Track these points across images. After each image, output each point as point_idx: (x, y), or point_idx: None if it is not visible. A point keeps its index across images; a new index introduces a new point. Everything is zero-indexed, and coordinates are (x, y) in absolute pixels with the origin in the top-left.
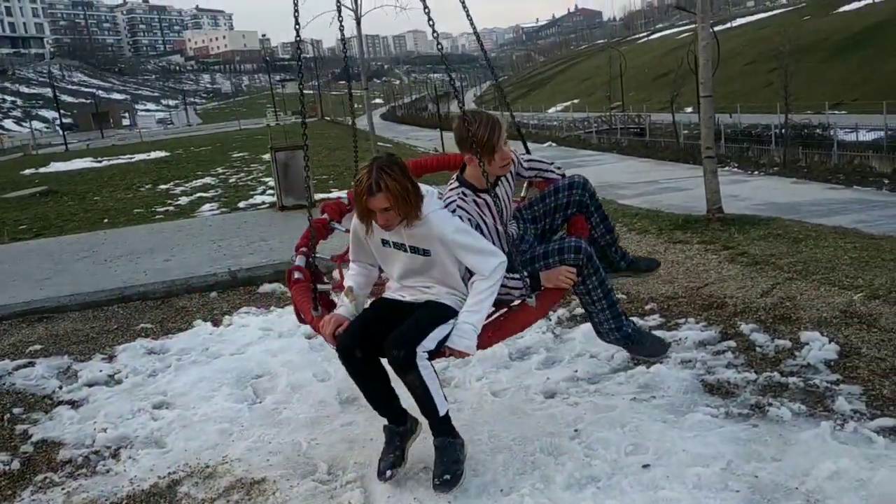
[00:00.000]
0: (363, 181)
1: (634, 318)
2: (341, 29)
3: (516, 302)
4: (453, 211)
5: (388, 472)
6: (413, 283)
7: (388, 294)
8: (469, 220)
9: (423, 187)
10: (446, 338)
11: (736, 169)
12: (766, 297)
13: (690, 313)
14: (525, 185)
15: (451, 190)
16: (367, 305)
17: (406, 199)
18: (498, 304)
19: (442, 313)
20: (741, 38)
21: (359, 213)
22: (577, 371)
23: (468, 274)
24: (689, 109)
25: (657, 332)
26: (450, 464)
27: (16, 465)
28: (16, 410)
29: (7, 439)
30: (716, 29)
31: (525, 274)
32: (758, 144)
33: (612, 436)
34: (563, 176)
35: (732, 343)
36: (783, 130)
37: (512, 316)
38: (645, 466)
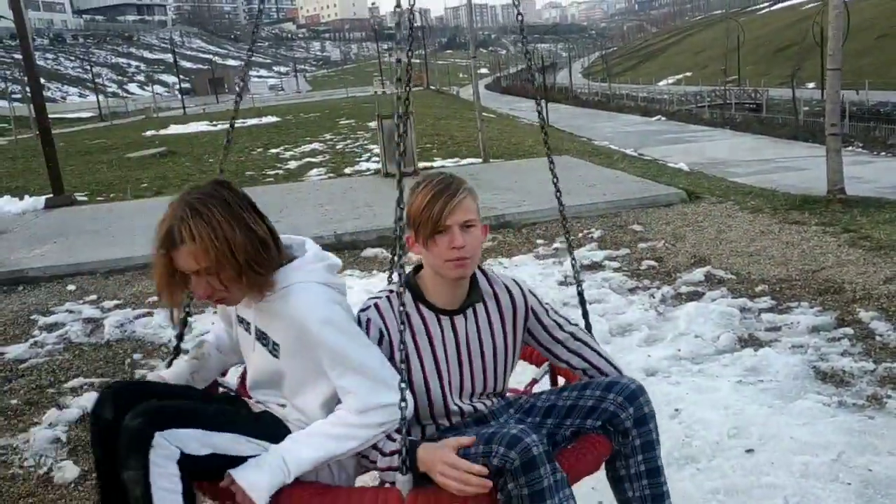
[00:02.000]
0: (162, 223)
1: (744, 300)
2: None
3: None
4: (364, 311)
5: None
6: (264, 397)
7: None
8: (381, 337)
9: (315, 249)
10: (238, 460)
11: (861, 149)
12: (890, 283)
13: (804, 297)
14: (542, 369)
15: (381, 289)
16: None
17: (231, 259)
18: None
19: (263, 430)
20: (875, 10)
21: (157, 272)
22: (679, 350)
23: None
24: (812, 85)
25: (768, 316)
26: None
27: None
28: (136, 356)
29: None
30: None
31: (407, 439)
32: (886, 124)
33: (714, 417)
34: (614, 372)
35: (850, 330)
36: None
37: (352, 494)
38: (748, 451)
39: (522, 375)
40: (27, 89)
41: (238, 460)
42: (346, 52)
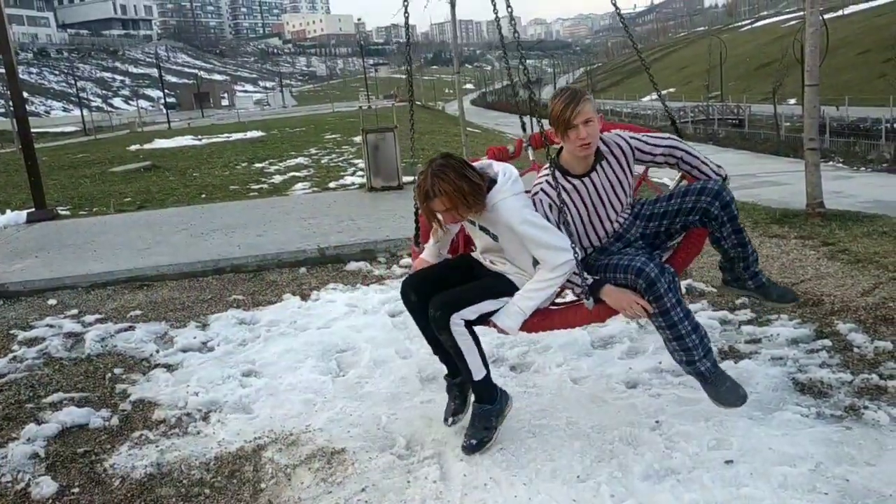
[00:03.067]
0: (420, 187)
1: (725, 312)
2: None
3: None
4: (535, 195)
5: (450, 420)
6: (492, 257)
7: (474, 253)
8: (550, 205)
9: (500, 168)
10: (492, 313)
11: (841, 164)
12: (868, 296)
13: (783, 310)
14: (678, 177)
15: (541, 174)
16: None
17: (464, 200)
18: (563, 289)
19: (498, 289)
20: (854, 27)
21: (424, 215)
22: (660, 362)
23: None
24: (793, 101)
25: (748, 328)
26: (480, 429)
27: (115, 421)
28: (117, 370)
29: (108, 397)
30: (827, 16)
31: (586, 279)
32: (866, 139)
33: (694, 429)
34: (717, 173)
35: (828, 342)
36: (895, 125)
37: (565, 311)
38: (728, 462)
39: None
40: (10, 103)
41: (493, 312)
42: (331, 68)
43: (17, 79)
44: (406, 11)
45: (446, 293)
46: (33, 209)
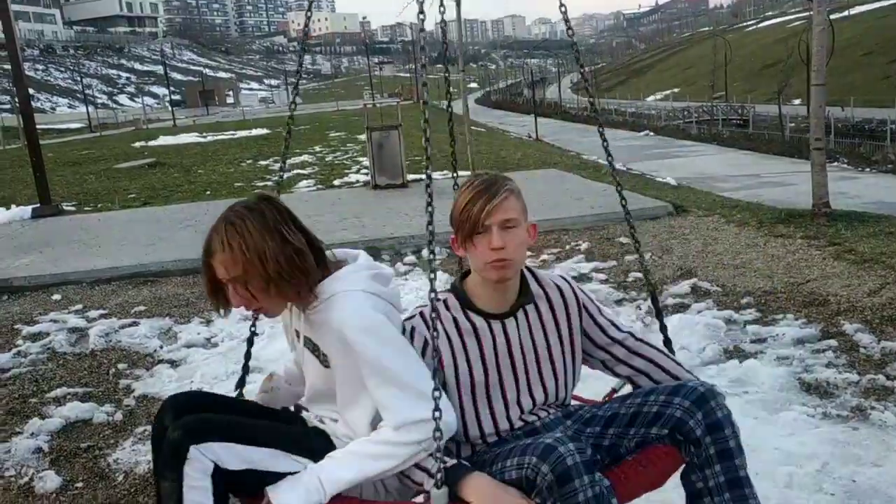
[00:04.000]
0: (207, 238)
1: (730, 312)
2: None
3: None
4: (409, 319)
5: None
6: (320, 411)
7: (303, 401)
8: (425, 343)
9: (364, 257)
10: (275, 476)
11: (845, 165)
12: (874, 296)
13: (789, 309)
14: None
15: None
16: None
17: (262, 268)
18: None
19: (302, 444)
20: (859, 27)
21: (204, 280)
22: (682, 348)
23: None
24: (797, 101)
25: (753, 328)
26: None
27: (119, 416)
28: (120, 366)
29: (112, 392)
30: (832, 17)
31: (444, 461)
32: (871, 140)
33: None
34: (684, 374)
35: (834, 342)
36: None
37: None
38: None
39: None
40: (16, 100)
41: (276, 476)
42: (336, 66)
43: (24, 75)
44: (421, 17)
45: (208, 415)
46: (38, 205)
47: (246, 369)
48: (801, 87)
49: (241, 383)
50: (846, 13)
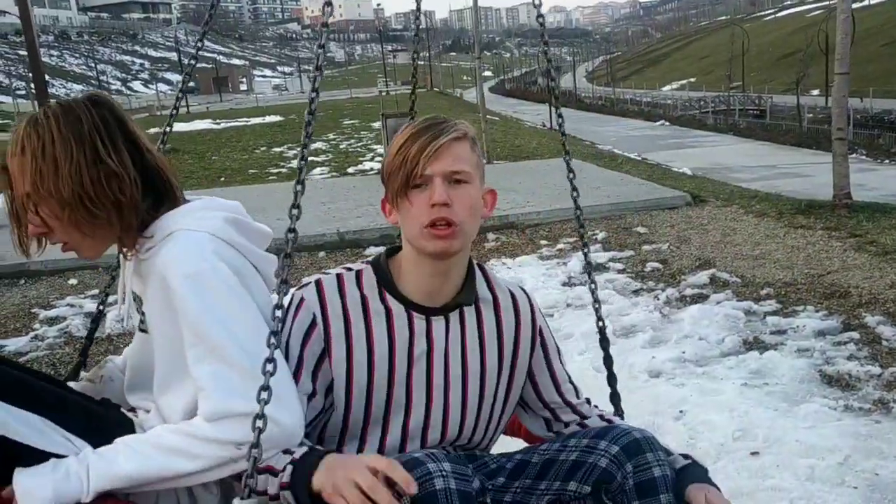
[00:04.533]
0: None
1: (749, 303)
2: None
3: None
4: (300, 288)
5: None
6: (138, 400)
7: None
8: (315, 328)
9: (212, 199)
10: (30, 457)
11: (865, 157)
12: None
13: (810, 301)
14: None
15: (335, 269)
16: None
17: (48, 182)
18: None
19: (95, 426)
20: (881, 17)
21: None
22: (684, 352)
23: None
24: (816, 92)
25: (773, 319)
26: None
27: None
28: None
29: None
30: (854, 6)
31: (293, 454)
32: (891, 132)
33: (718, 419)
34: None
35: (855, 334)
36: None
37: None
38: (754, 454)
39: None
40: (31, 86)
41: (35, 456)
42: (350, 53)
43: (40, 61)
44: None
45: None
46: None
47: (85, 353)
48: (820, 77)
49: (76, 371)
50: (865, 2)
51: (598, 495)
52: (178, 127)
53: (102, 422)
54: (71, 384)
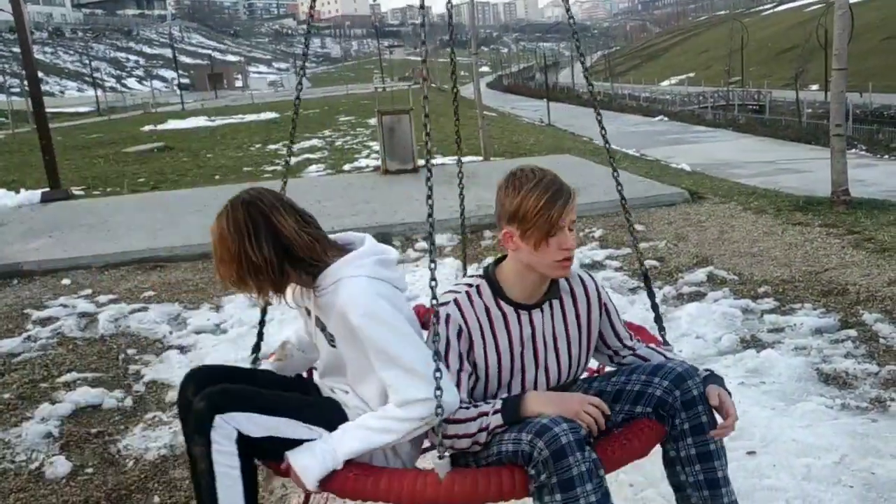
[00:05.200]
0: None
1: (747, 301)
2: None
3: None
4: (442, 306)
5: None
6: (332, 383)
7: (316, 377)
8: (460, 330)
9: (369, 241)
10: (293, 443)
11: (864, 152)
12: (894, 285)
13: (807, 298)
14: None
15: (462, 281)
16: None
17: (224, 258)
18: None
19: (318, 415)
20: (880, 11)
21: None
22: (681, 351)
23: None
24: (815, 87)
25: (771, 317)
26: None
27: (128, 402)
28: (130, 351)
29: (122, 377)
30: (851, 1)
31: (494, 406)
32: (890, 127)
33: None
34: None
35: (853, 332)
36: None
37: (398, 476)
38: (750, 453)
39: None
40: (25, 83)
41: (294, 443)
42: (346, 49)
43: (33, 58)
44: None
45: (231, 386)
46: (48, 189)
47: (260, 336)
48: (819, 72)
49: (256, 349)
50: None
51: (657, 412)
52: (173, 124)
53: (322, 410)
54: (264, 365)
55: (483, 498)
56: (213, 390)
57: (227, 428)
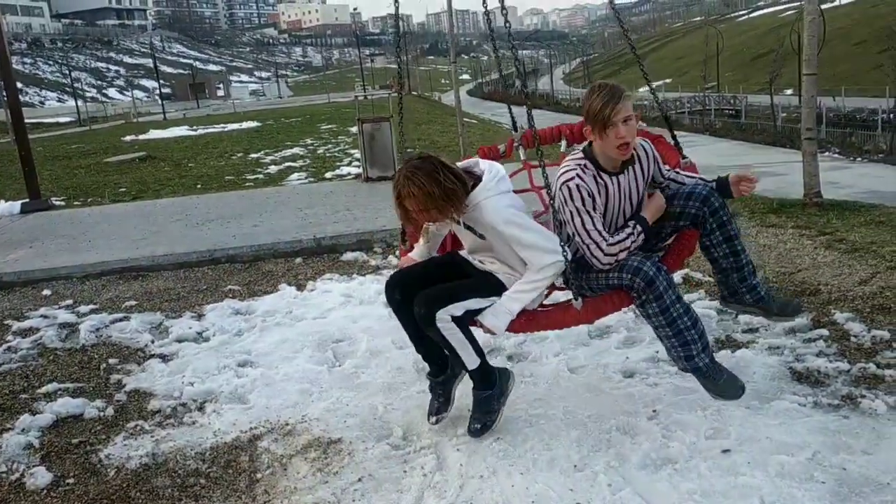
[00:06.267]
0: (394, 188)
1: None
2: None
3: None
4: (569, 181)
5: (433, 418)
6: (482, 257)
7: (462, 252)
8: (589, 193)
9: (487, 166)
10: (479, 311)
11: (837, 155)
12: (865, 285)
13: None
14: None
15: (571, 159)
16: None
17: (435, 204)
18: (554, 289)
19: (486, 288)
20: (852, 17)
21: (399, 216)
22: (657, 352)
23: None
24: (789, 91)
25: (745, 318)
26: (483, 413)
27: (110, 411)
28: (111, 361)
29: (103, 387)
30: (823, 6)
31: (634, 229)
32: (862, 130)
33: (691, 418)
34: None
35: (825, 332)
36: (891, 115)
37: (552, 312)
38: (725, 451)
39: None
40: (3, 93)
41: (482, 310)
42: (327, 58)
43: (11, 69)
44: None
45: (431, 289)
46: (28, 199)
47: (403, 233)
48: (793, 77)
49: (403, 238)
50: (836, 2)
51: (694, 222)
52: (154, 134)
53: (488, 284)
54: (416, 247)
55: (606, 311)
56: (424, 297)
57: (444, 317)
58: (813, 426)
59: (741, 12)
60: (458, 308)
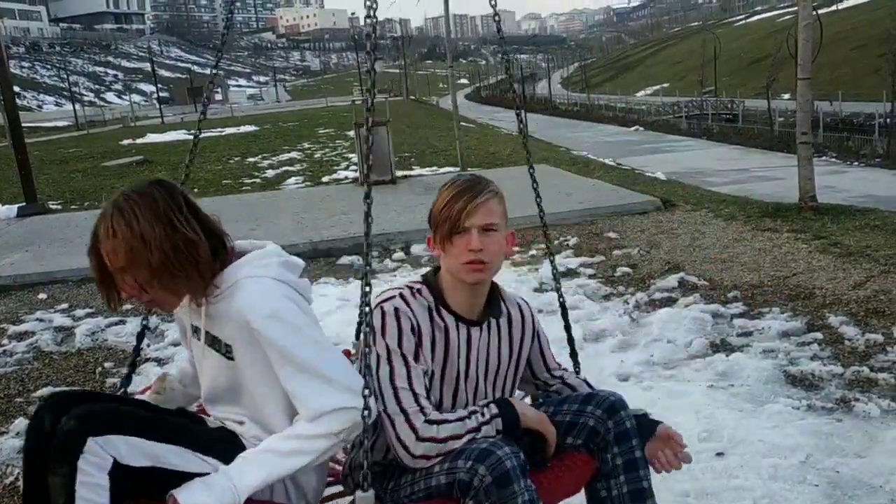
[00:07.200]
0: (96, 223)
1: (717, 306)
2: None
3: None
4: (388, 301)
5: None
6: (222, 413)
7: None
8: (413, 328)
9: (259, 244)
10: (183, 477)
11: (834, 159)
12: (859, 289)
13: (775, 303)
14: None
15: (402, 285)
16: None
17: (149, 256)
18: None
19: (214, 445)
20: (851, 21)
21: (92, 270)
22: (652, 356)
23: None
24: (787, 96)
25: (740, 321)
26: None
27: None
28: (107, 364)
29: (98, 391)
30: (822, 11)
31: (483, 413)
32: (859, 134)
33: (685, 421)
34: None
35: (819, 335)
36: (888, 120)
37: None
38: (719, 454)
39: None
40: (1, 98)
41: (182, 477)
42: (325, 62)
43: (9, 73)
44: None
45: (112, 405)
46: (24, 203)
47: (133, 366)
48: (790, 81)
49: (126, 381)
50: (834, 7)
51: (587, 444)
52: (152, 138)
53: (216, 439)
54: (138, 397)
55: None
56: (86, 408)
57: (101, 454)
58: (806, 429)
59: (739, 17)
60: (140, 451)
